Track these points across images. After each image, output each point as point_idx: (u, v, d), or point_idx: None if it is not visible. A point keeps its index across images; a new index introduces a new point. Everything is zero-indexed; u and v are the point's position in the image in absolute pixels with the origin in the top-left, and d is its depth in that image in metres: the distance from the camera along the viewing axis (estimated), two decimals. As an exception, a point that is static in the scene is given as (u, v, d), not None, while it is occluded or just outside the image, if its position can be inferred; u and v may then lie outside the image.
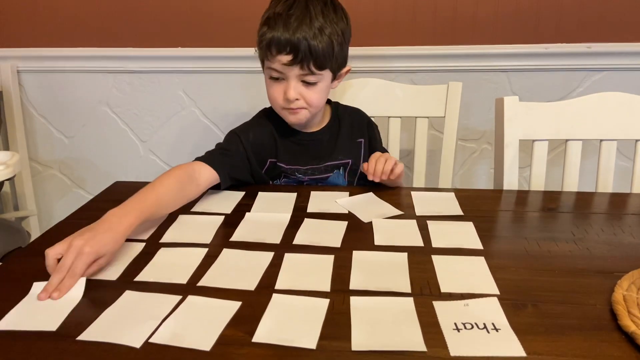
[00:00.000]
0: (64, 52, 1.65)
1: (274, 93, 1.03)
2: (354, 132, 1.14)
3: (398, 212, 0.92)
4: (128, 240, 0.82)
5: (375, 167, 0.99)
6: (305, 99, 1.01)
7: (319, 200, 0.98)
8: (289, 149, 1.11)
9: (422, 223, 0.87)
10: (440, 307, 0.63)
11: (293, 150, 1.11)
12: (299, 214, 0.91)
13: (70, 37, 1.64)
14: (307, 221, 0.89)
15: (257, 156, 1.09)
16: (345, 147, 1.13)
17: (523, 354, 0.55)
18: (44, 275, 0.71)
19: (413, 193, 1.00)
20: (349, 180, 1.13)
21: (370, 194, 1.01)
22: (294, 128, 1.11)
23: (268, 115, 1.14)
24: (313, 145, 1.11)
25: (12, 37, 1.66)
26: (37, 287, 0.68)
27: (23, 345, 0.57)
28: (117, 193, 1.05)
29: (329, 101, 1.16)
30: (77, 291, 0.67)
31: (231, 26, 1.57)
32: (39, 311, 0.64)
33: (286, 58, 0.96)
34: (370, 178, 1.00)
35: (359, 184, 1.13)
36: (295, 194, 1.00)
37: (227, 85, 1.65)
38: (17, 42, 1.66)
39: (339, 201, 0.97)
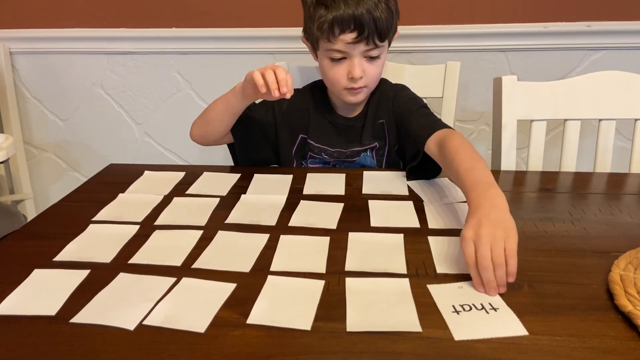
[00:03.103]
0: (57, 33, 1.63)
1: (336, 75, 0.99)
2: (377, 113, 1.08)
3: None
4: (122, 222, 0.82)
5: (485, 279, 0.62)
6: (368, 76, 0.99)
7: (315, 182, 0.97)
8: (322, 128, 1.09)
9: (419, 204, 0.87)
10: (435, 291, 0.63)
11: (325, 130, 1.09)
12: (295, 196, 0.91)
13: (63, 18, 1.62)
14: (303, 203, 0.88)
15: (289, 129, 1.08)
16: (371, 131, 1.09)
17: (525, 332, 0.55)
18: (40, 257, 0.72)
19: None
20: (378, 160, 1.10)
21: (444, 179, 0.96)
22: (333, 108, 1.10)
23: (313, 89, 1.12)
24: (345, 130, 1.09)
25: (5, 18, 1.63)
26: (38, 273, 0.68)
27: (16, 328, 0.57)
28: (112, 175, 1.04)
29: None
30: None
31: (226, 6, 1.55)
32: (38, 295, 0.63)
33: (350, 36, 0.93)
34: (480, 291, 0.63)
35: (387, 164, 1.10)
36: (291, 176, 0.99)
37: (223, 67, 1.63)
38: (10, 23, 1.64)
39: (409, 183, 0.95)
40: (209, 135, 1.05)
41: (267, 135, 1.09)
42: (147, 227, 0.80)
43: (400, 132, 1.06)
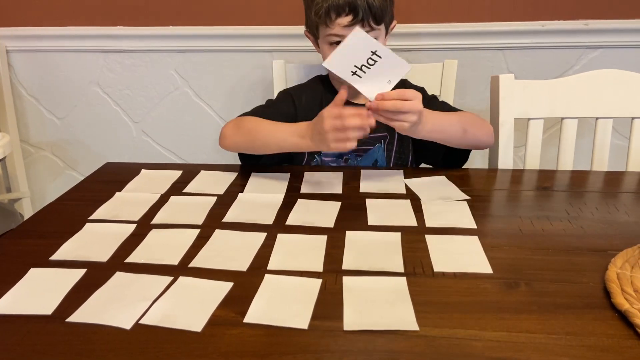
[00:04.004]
0: (54, 31, 1.62)
1: None
2: None
3: (465, 196, 0.89)
4: (118, 221, 0.81)
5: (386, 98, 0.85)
6: None
7: (312, 181, 0.97)
8: None
9: (416, 203, 0.87)
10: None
11: None
12: (293, 195, 0.91)
13: (59, 16, 1.61)
14: (300, 202, 0.88)
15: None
16: None
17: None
18: (37, 256, 0.71)
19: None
20: (387, 154, 1.11)
21: (442, 177, 0.98)
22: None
23: (322, 82, 1.15)
24: None
25: (1, 16, 1.62)
26: (34, 272, 0.68)
27: (13, 328, 0.57)
28: (108, 174, 1.04)
29: None
30: None
31: (224, 4, 1.54)
32: (35, 295, 0.63)
33: (346, 19, 0.98)
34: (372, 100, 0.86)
35: (395, 158, 1.12)
36: (288, 175, 0.99)
37: (220, 65, 1.63)
38: (6, 22, 1.63)
39: (406, 181, 0.96)
40: (249, 153, 1.04)
41: None
42: (144, 225, 0.80)
43: None
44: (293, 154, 1.12)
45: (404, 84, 1.14)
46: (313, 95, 1.12)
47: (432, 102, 1.09)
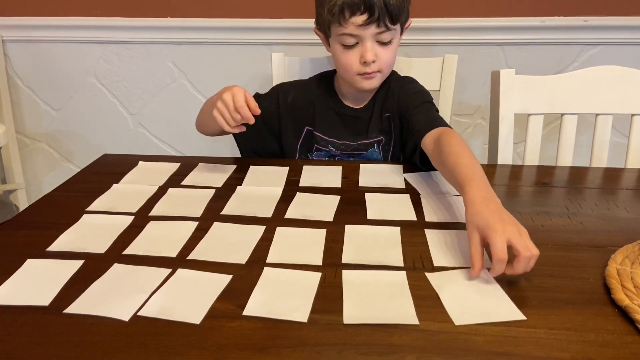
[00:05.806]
0: (50, 22, 1.61)
1: (348, 61, 0.99)
2: (385, 107, 1.08)
3: None
4: (116, 213, 0.81)
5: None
6: (381, 60, 0.99)
7: (311, 174, 0.96)
8: (328, 119, 1.09)
9: (415, 197, 0.86)
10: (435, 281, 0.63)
11: (331, 121, 1.09)
12: (291, 188, 0.90)
13: (56, 6, 1.60)
14: (299, 195, 0.87)
15: (295, 121, 1.08)
16: (378, 124, 1.08)
17: (523, 317, 0.56)
18: (33, 247, 0.71)
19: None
20: (384, 155, 1.09)
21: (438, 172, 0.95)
22: (339, 98, 1.09)
23: (320, 80, 1.12)
24: (352, 121, 1.08)
25: (-3, 5, 1.61)
26: (31, 263, 0.67)
27: (9, 319, 0.56)
28: (105, 165, 1.03)
29: None
30: None
31: (222, -4, 1.54)
32: (31, 286, 0.62)
33: (361, 18, 0.93)
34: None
35: (392, 159, 1.10)
36: (287, 168, 0.99)
37: (218, 58, 1.62)
38: (3, 11, 1.61)
39: (406, 176, 0.95)
40: (208, 134, 1.07)
41: (270, 127, 1.09)
42: (142, 217, 0.80)
43: (403, 126, 1.05)
44: (285, 153, 1.11)
45: (403, 80, 1.11)
46: (305, 94, 1.09)
47: (420, 108, 1.02)
